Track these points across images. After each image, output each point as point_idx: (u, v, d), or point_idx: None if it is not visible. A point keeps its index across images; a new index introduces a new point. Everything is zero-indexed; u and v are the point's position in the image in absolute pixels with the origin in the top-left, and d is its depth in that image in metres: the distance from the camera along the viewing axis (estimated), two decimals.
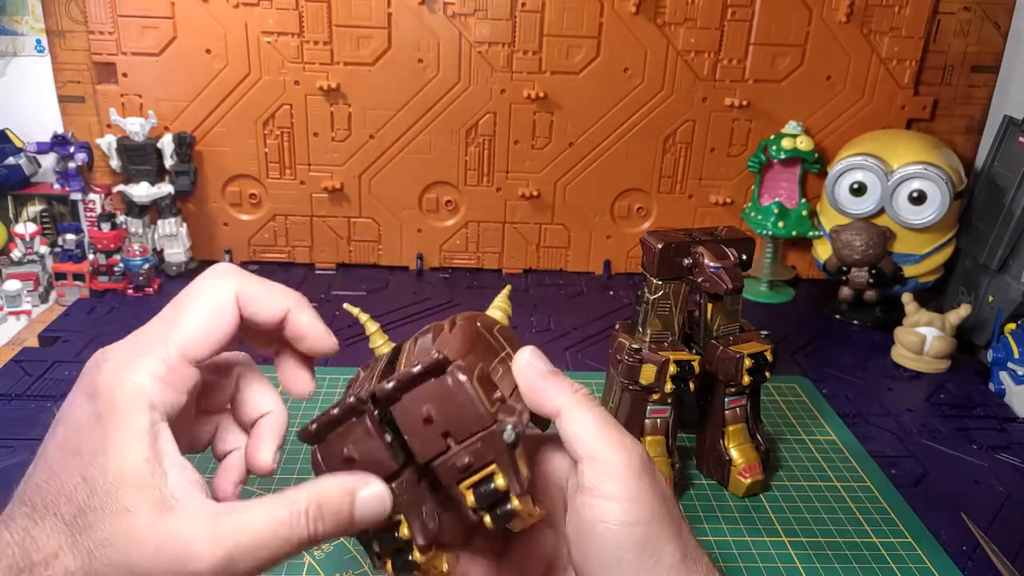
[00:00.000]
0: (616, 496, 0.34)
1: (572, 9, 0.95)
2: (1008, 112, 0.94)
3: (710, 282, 0.59)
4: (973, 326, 0.90)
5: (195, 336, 0.35)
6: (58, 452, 0.33)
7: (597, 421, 0.36)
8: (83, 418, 0.33)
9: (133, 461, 0.32)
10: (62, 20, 0.94)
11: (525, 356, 0.38)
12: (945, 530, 0.61)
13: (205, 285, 0.36)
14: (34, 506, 0.32)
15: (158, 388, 0.34)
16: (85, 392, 0.34)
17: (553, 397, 0.36)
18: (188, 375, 0.35)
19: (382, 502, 0.34)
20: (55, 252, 0.96)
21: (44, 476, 0.33)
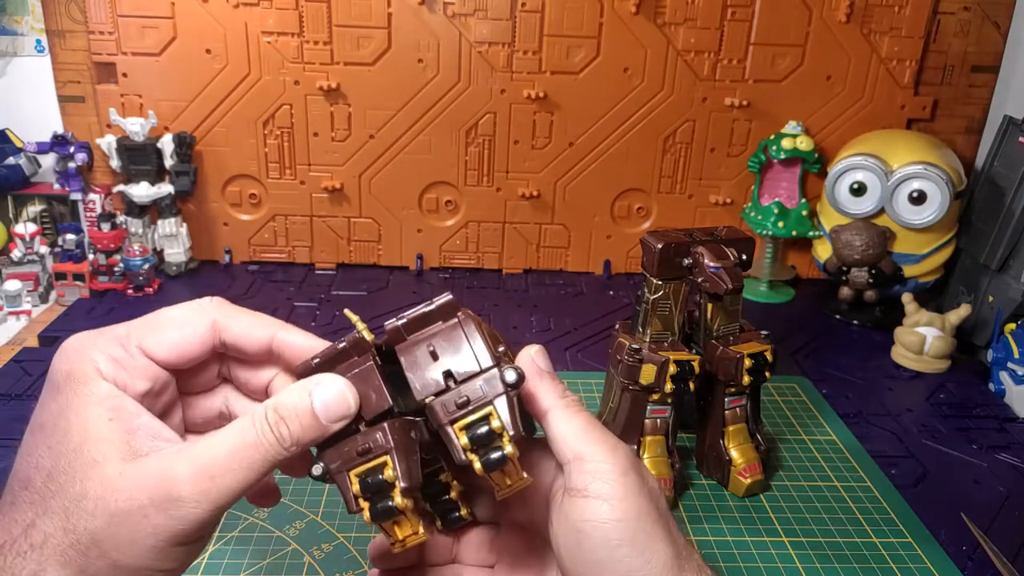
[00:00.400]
0: (603, 495, 0.34)
1: (572, 9, 0.95)
2: (1008, 112, 0.94)
3: (710, 282, 0.59)
4: (973, 326, 0.90)
5: (157, 335, 0.36)
6: (28, 433, 0.34)
7: (583, 423, 0.36)
8: (45, 396, 0.34)
9: (96, 421, 0.33)
10: (62, 20, 0.94)
11: (531, 351, 0.38)
12: (945, 530, 0.61)
13: (182, 306, 0.38)
14: (10, 489, 0.33)
15: (111, 366, 0.35)
16: (49, 374, 0.35)
17: (543, 397, 0.37)
18: (144, 364, 0.36)
19: (342, 395, 0.34)
20: (55, 252, 0.96)
21: (17, 460, 0.34)
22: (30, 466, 0.33)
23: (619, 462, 0.35)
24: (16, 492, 0.33)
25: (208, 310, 0.38)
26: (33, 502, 0.32)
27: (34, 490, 0.32)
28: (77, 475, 0.32)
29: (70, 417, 0.33)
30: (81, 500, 0.32)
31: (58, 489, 0.32)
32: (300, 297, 0.96)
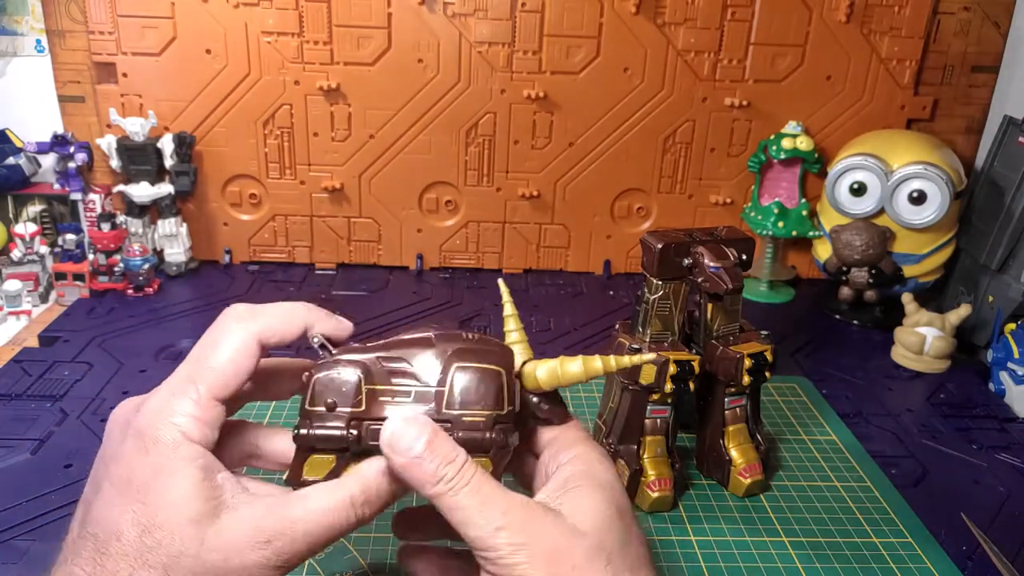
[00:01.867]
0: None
1: (572, 9, 0.95)
2: (1008, 112, 0.94)
3: (710, 282, 0.59)
4: (973, 326, 0.90)
5: (221, 378, 0.38)
6: (111, 487, 0.36)
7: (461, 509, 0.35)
8: (131, 454, 0.37)
9: (189, 481, 0.36)
10: (62, 20, 0.94)
11: (384, 440, 0.37)
12: (945, 530, 0.61)
13: (226, 329, 0.40)
14: (96, 538, 0.36)
15: (195, 427, 0.37)
16: (130, 435, 0.37)
17: (419, 489, 0.36)
18: (217, 413, 0.38)
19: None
20: (55, 252, 0.96)
21: (102, 510, 0.36)
22: (122, 520, 0.35)
23: (510, 538, 0.35)
24: (104, 542, 0.35)
25: (247, 327, 0.39)
26: (127, 554, 0.35)
27: (128, 543, 0.35)
28: (176, 533, 0.35)
29: (165, 479, 0.36)
30: (180, 557, 0.34)
31: (155, 545, 0.35)
32: (300, 297, 0.96)
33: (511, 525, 0.35)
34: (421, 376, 0.38)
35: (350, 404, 0.38)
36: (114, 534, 0.35)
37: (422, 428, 0.36)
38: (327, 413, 0.38)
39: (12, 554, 0.54)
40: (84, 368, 0.78)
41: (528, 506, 0.36)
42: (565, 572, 0.34)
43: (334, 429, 0.38)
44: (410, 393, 0.38)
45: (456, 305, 0.96)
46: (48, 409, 0.70)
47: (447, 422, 0.37)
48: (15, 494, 0.59)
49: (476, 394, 0.38)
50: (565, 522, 0.36)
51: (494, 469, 0.38)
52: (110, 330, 0.86)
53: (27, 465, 0.63)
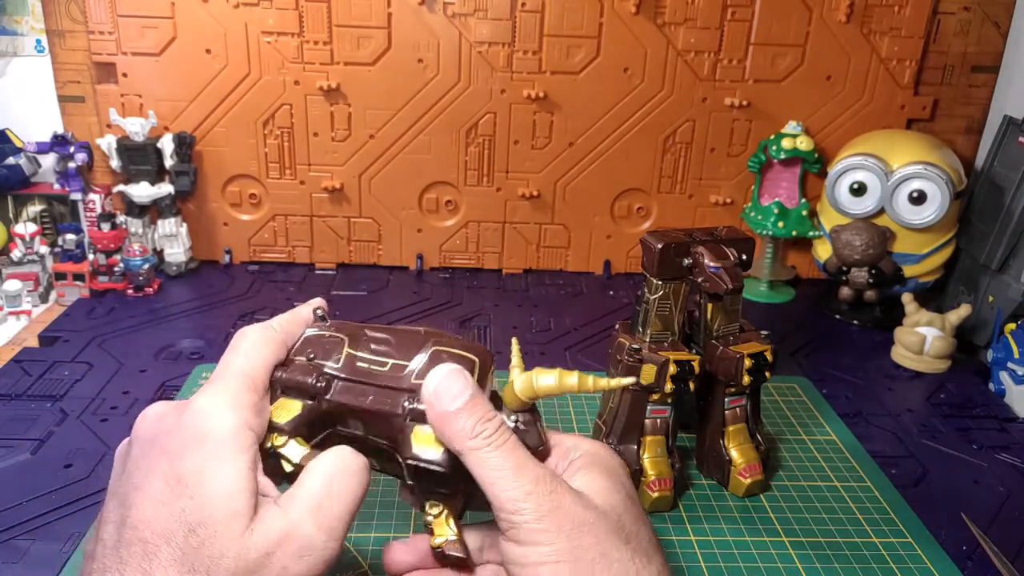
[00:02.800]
0: (520, 540, 0.35)
1: (572, 9, 0.95)
2: (1008, 112, 0.94)
3: (710, 282, 0.59)
4: (973, 326, 0.90)
5: (253, 367, 0.39)
6: (163, 484, 0.35)
7: (498, 463, 0.36)
8: (183, 449, 0.36)
9: (240, 474, 0.35)
10: (62, 20, 0.94)
11: (430, 389, 0.37)
12: (945, 530, 0.61)
13: (259, 333, 0.41)
14: (144, 543, 0.34)
15: (252, 414, 0.37)
16: (181, 430, 0.36)
17: (453, 442, 0.36)
18: (259, 400, 0.38)
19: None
20: (55, 252, 0.96)
21: (151, 510, 0.34)
22: (171, 519, 0.34)
23: (537, 505, 0.35)
24: (155, 548, 0.33)
25: (263, 326, 0.41)
26: (176, 559, 0.33)
27: (176, 545, 0.33)
28: (219, 528, 0.34)
29: (216, 469, 0.35)
30: (221, 558, 0.33)
31: (199, 545, 0.33)
32: (300, 297, 0.96)
33: (540, 492, 0.35)
34: (399, 352, 0.40)
35: (329, 360, 0.40)
36: (164, 537, 0.34)
37: (466, 382, 0.37)
38: (304, 363, 0.40)
39: (12, 554, 0.54)
40: (84, 368, 0.78)
41: (556, 478, 0.37)
42: (588, 544, 0.35)
43: (306, 376, 0.39)
44: (386, 364, 0.39)
45: (456, 305, 0.96)
46: (48, 409, 0.70)
47: (412, 392, 0.38)
48: (15, 494, 0.59)
49: None
50: (588, 500, 0.37)
51: None
52: (110, 330, 0.86)
53: (27, 465, 0.63)
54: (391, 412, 0.38)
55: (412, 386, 0.38)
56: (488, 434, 0.36)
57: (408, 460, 0.37)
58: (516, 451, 0.36)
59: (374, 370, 0.39)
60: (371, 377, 0.39)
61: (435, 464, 0.37)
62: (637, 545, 0.36)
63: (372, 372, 0.39)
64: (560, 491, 0.36)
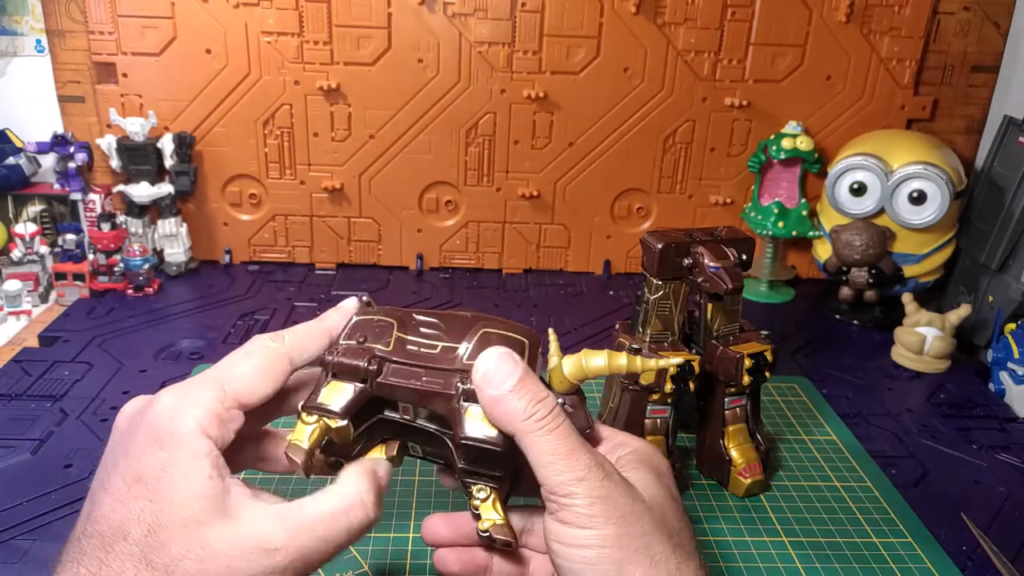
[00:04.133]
0: (569, 521, 0.35)
1: (572, 9, 0.95)
2: (1008, 112, 0.94)
3: (710, 282, 0.59)
4: (973, 326, 0.90)
5: (247, 384, 0.38)
6: (121, 482, 0.35)
7: (551, 446, 0.36)
8: (143, 449, 0.36)
9: (198, 479, 0.35)
10: (62, 20, 0.94)
11: (479, 372, 0.37)
12: (945, 530, 0.61)
13: (256, 345, 0.40)
14: (102, 536, 0.34)
15: (213, 422, 0.36)
16: (144, 428, 0.36)
17: (505, 422, 0.37)
18: (237, 417, 0.38)
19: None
20: (55, 252, 0.96)
21: (109, 506, 0.35)
22: (128, 517, 0.34)
23: (589, 491, 0.35)
24: (111, 541, 0.34)
25: (279, 345, 0.40)
26: (132, 555, 0.33)
27: (133, 542, 0.33)
28: (178, 533, 0.33)
29: (174, 474, 0.34)
30: (181, 560, 0.33)
31: (158, 545, 0.33)
32: (300, 297, 0.96)
33: (593, 479, 0.35)
34: (448, 335, 0.40)
35: (379, 343, 0.40)
36: (121, 533, 0.34)
37: (515, 365, 0.37)
38: (355, 346, 0.40)
39: (12, 554, 0.54)
40: (84, 368, 0.78)
41: (608, 466, 0.37)
42: (636, 534, 0.35)
43: (357, 359, 0.39)
44: (436, 347, 0.39)
45: (456, 305, 0.96)
46: (48, 409, 0.70)
47: (464, 372, 0.38)
48: (15, 494, 0.59)
49: None
50: (637, 492, 0.37)
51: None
52: (110, 330, 0.86)
53: (27, 465, 0.63)
54: (444, 392, 0.38)
55: (464, 366, 0.38)
56: (541, 415, 0.36)
57: (462, 440, 0.37)
58: (570, 435, 0.36)
59: (425, 352, 0.39)
60: (422, 359, 0.39)
61: (490, 443, 0.37)
62: (679, 542, 0.37)
63: (423, 354, 0.39)
64: (612, 479, 0.36)
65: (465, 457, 0.38)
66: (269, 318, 0.89)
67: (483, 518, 0.39)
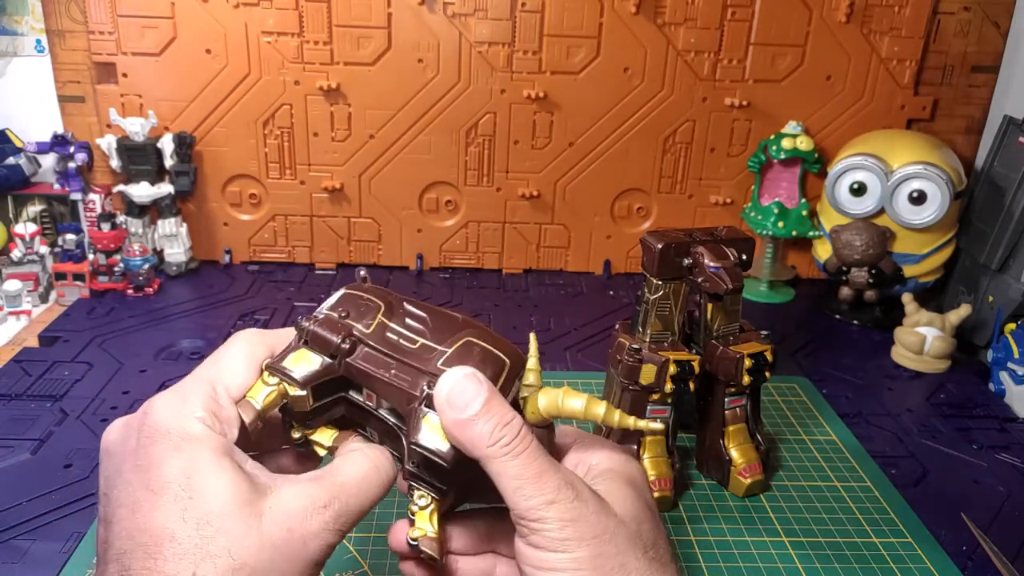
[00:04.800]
0: (539, 544, 0.35)
1: (572, 9, 0.95)
2: (1008, 112, 0.94)
3: (710, 282, 0.59)
4: (973, 326, 0.90)
5: (235, 379, 0.38)
6: (146, 492, 0.34)
7: (518, 471, 0.35)
8: (160, 457, 0.35)
9: (229, 470, 0.35)
10: (62, 20, 0.94)
11: (442, 394, 0.36)
12: (945, 530, 0.61)
13: (236, 343, 0.39)
14: (145, 547, 0.33)
15: (216, 423, 0.36)
16: (152, 438, 0.36)
17: (470, 449, 0.36)
18: (233, 414, 0.37)
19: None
20: (55, 252, 0.96)
21: (143, 518, 0.34)
22: (170, 520, 0.33)
23: (560, 514, 0.34)
24: (156, 548, 0.33)
25: (257, 339, 0.40)
26: (187, 552, 0.33)
27: (184, 540, 0.33)
28: (234, 517, 0.34)
29: (203, 470, 0.35)
30: (244, 538, 0.33)
31: (215, 533, 0.33)
32: (300, 297, 0.96)
33: (563, 500, 0.35)
34: (432, 334, 0.38)
35: (360, 322, 0.38)
36: (166, 537, 0.33)
37: (480, 386, 0.36)
38: (335, 319, 0.38)
39: (12, 554, 0.54)
40: (84, 368, 0.78)
41: (578, 485, 0.36)
42: (609, 553, 0.35)
43: (332, 333, 0.38)
44: (416, 343, 0.38)
45: (456, 305, 0.96)
46: (48, 409, 0.71)
47: (434, 376, 0.37)
48: (15, 494, 0.60)
49: (475, 365, 0.37)
50: (610, 508, 0.36)
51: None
52: (110, 330, 0.86)
53: (27, 465, 0.63)
54: (409, 392, 0.37)
55: (436, 371, 0.37)
56: (507, 441, 0.35)
57: (412, 444, 0.36)
58: (538, 457, 0.35)
59: (403, 344, 0.38)
60: (398, 351, 0.38)
61: (439, 456, 0.36)
62: (655, 555, 0.36)
63: (400, 346, 0.38)
64: (583, 499, 0.35)
65: (413, 461, 0.37)
66: (269, 318, 0.89)
67: (416, 526, 0.38)
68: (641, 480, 0.40)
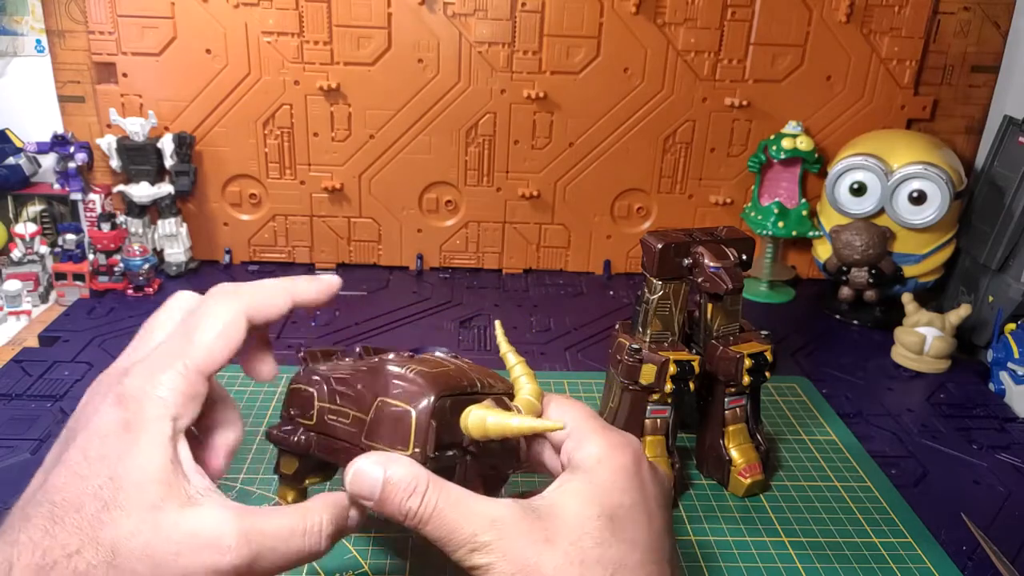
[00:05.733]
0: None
1: (572, 9, 0.95)
2: (1008, 112, 0.94)
3: (710, 282, 0.59)
4: (973, 326, 0.90)
5: (209, 353, 0.38)
6: (81, 456, 0.35)
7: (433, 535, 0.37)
8: (108, 426, 0.35)
9: (160, 463, 0.35)
10: (62, 20, 0.94)
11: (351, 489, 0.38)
12: (945, 530, 0.61)
13: (215, 304, 0.39)
14: (53, 506, 0.33)
15: (180, 401, 0.36)
16: (110, 403, 0.36)
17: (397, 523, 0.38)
18: (202, 389, 0.37)
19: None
20: (55, 252, 0.96)
21: (64, 478, 0.34)
22: (85, 491, 0.34)
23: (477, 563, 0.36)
24: (62, 512, 0.33)
25: (234, 302, 0.39)
26: (81, 528, 0.33)
27: (85, 516, 0.33)
28: (134, 515, 0.33)
29: (137, 456, 0.35)
30: (131, 539, 0.33)
31: (111, 522, 0.33)
32: None
33: (481, 546, 0.36)
34: (356, 405, 0.41)
35: (305, 416, 0.43)
36: (74, 506, 0.33)
37: (375, 477, 0.37)
38: (290, 420, 0.44)
39: None
40: (84, 368, 0.78)
41: (500, 522, 0.36)
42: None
43: (288, 435, 0.43)
44: (349, 416, 0.41)
45: (456, 305, 0.96)
46: (48, 409, 0.71)
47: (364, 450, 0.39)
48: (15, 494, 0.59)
49: (386, 430, 0.39)
50: (543, 530, 0.37)
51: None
52: (110, 330, 0.86)
53: (27, 465, 0.63)
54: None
55: (364, 445, 0.39)
56: (413, 512, 0.36)
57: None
58: (447, 513, 0.36)
59: (339, 425, 0.41)
60: (336, 433, 0.41)
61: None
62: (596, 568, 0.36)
63: (337, 427, 0.41)
64: (505, 535, 0.36)
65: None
66: None
67: None
68: (632, 465, 0.40)
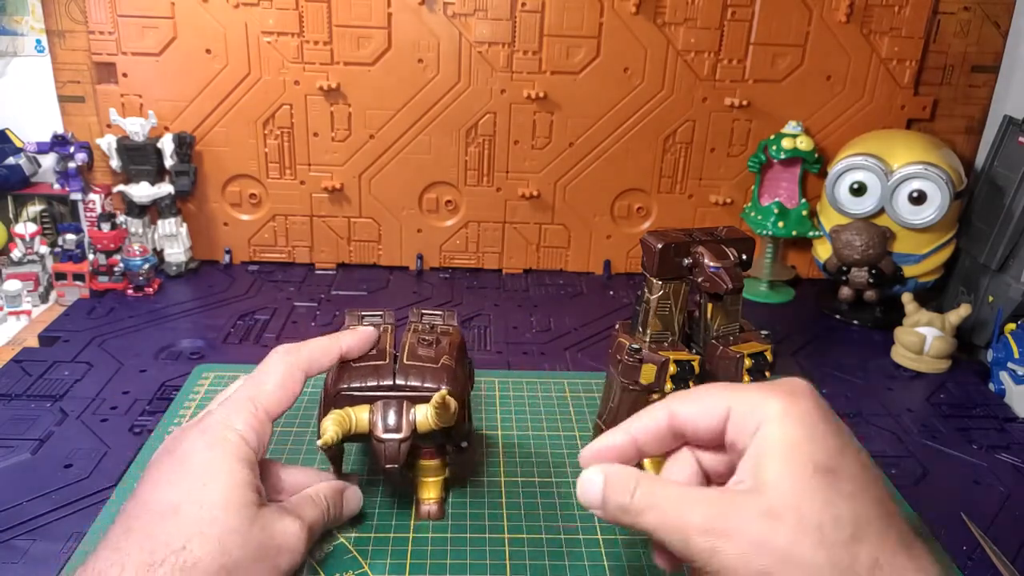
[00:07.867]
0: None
1: (572, 9, 0.95)
2: (1008, 112, 0.94)
3: (710, 282, 0.59)
4: (973, 326, 0.90)
5: (273, 399, 0.49)
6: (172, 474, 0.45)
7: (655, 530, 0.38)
8: (197, 449, 0.46)
9: (243, 476, 0.45)
10: (62, 20, 0.94)
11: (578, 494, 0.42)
12: (945, 530, 0.61)
13: (275, 362, 0.51)
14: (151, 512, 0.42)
15: (252, 435, 0.47)
16: (196, 432, 0.47)
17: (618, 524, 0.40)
18: (269, 429, 0.49)
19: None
20: (55, 252, 0.96)
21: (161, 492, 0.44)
22: (182, 497, 0.43)
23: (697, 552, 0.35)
24: (161, 515, 0.42)
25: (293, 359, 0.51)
26: (183, 525, 0.41)
27: (186, 516, 0.42)
28: (231, 511, 0.43)
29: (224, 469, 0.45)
30: (231, 533, 0.42)
31: (212, 519, 0.42)
32: (300, 297, 0.96)
33: (698, 532, 0.34)
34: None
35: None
36: (172, 509, 0.42)
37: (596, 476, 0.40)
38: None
39: (12, 554, 0.54)
40: (84, 368, 0.78)
41: (716, 503, 0.34)
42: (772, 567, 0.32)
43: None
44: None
45: (456, 305, 0.96)
46: (48, 409, 0.70)
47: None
48: (15, 494, 0.59)
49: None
50: (759, 505, 0.33)
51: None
52: (110, 330, 0.86)
53: (27, 465, 0.63)
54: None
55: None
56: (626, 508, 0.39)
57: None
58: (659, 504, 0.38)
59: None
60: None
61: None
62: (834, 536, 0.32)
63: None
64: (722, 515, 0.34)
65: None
66: (269, 318, 0.89)
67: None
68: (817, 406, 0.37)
